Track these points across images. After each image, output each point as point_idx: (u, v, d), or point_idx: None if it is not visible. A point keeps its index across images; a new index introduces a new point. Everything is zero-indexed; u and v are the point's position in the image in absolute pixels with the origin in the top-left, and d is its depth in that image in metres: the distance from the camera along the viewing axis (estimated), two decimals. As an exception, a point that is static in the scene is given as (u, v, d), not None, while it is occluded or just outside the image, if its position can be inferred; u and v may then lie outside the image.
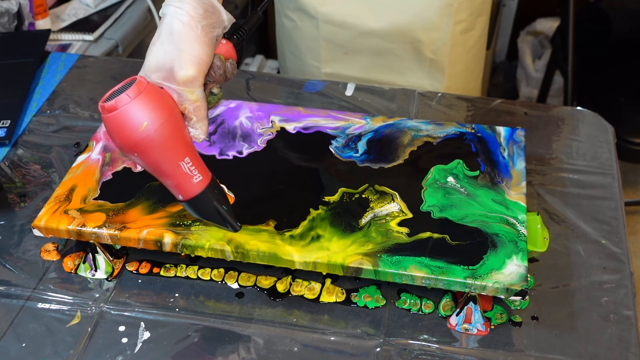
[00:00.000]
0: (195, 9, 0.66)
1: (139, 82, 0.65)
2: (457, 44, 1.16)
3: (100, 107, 0.65)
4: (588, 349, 0.72)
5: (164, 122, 0.65)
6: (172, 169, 0.68)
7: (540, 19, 2.16)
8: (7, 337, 0.73)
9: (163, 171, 0.68)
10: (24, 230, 0.84)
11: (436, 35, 1.14)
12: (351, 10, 1.14)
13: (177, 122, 0.67)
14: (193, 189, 0.70)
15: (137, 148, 0.65)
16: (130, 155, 0.67)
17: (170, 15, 0.66)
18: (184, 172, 0.68)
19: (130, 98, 0.64)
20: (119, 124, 0.65)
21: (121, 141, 0.65)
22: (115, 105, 0.64)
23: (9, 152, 0.95)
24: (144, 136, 0.65)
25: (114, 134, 0.66)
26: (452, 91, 1.17)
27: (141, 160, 0.67)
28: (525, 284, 0.70)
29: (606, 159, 0.94)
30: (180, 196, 0.71)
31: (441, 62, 1.17)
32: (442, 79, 1.19)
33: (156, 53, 0.67)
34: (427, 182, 0.82)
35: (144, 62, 0.68)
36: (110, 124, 0.65)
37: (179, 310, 0.76)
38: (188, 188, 0.70)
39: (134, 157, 0.67)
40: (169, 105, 0.66)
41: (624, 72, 1.76)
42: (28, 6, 1.28)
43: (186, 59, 0.66)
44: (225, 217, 0.72)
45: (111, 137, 0.66)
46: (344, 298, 0.76)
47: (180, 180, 0.69)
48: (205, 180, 0.70)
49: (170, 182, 0.69)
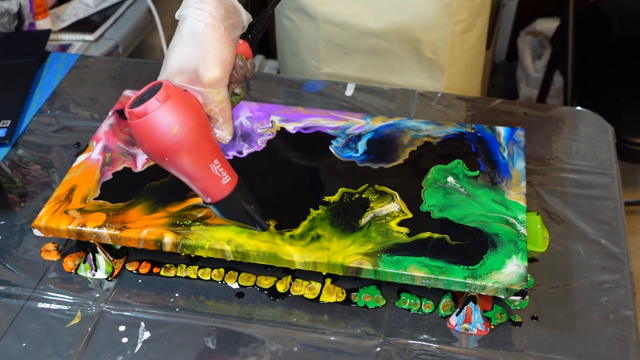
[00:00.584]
0: (217, 9, 0.66)
1: (166, 86, 0.65)
2: (457, 43, 1.16)
3: (128, 114, 0.65)
4: (588, 349, 0.72)
5: (193, 125, 0.65)
6: (202, 172, 0.68)
7: (540, 19, 2.16)
8: (7, 337, 0.73)
9: (193, 175, 0.68)
10: (24, 230, 0.84)
11: (436, 35, 1.14)
12: (351, 10, 1.14)
13: (205, 124, 0.67)
14: (222, 190, 0.70)
15: (168, 152, 0.65)
16: (160, 160, 0.66)
17: (191, 17, 0.66)
18: (213, 174, 0.69)
19: (160, 102, 0.64)
20: (149, 129, 0.64)
21: (152, 146, 0.65)
22: (146, 110, 0.64)
23: (9, 152, 0.95)
24: (176, 140, 0.64)
25: (144, 139, 0.65)
26: (452, 91, 1.17)
27: (171, 165, 0.67)
28: (525, 284, 0.70)
29: (606, 159, 0.94)
30: (208, 199, 0.71)
31: (441, 62, 1.17)
32: (441, 78, 1.19)
33: (178, 56, 0.66)
34: (427, 182, 0.82)
35: (164, 65, 0.67)
36: (140, 130, 0.65)
37: (179, 310, 0.76)
38: (217, 190, 0.70)
39: (164, 162, 0.66)
40: (196, 108, 0.66)
41: (623, 72, 1.76)
42: (28, 6, 1.28)
43: (211, 60, 0.66)
44: (254, 217, 0.73)
45: (140, 144, 0.66)
46: (344, 298, 0.77)
47: (209, 183, 0.69)
48: (233, 181, 0.70)
49: (199, 185, 0.69)
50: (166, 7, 1.65)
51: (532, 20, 2.17)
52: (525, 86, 2.12)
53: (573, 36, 1.69)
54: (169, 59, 0.67)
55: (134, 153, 0.85)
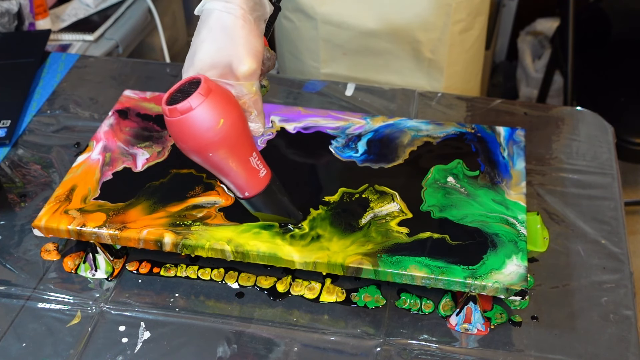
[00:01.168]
0: (246, 2, 0.65)
1: (206, 80, 0.63)
2: (456, 43, 1.16)
3: (168, 111, 0.63)
4: (588, 349, 0.72)
5: (236, 118, 0.64)
6: (242, 166, 0.68)
7: (540, 19, 2.16)
8: (8, 337, 0.73)
9: (234, 169, 0.67)
10: (24, 230, 0.84)
11: (435, 35, 1.14)
12: (350, 10, 1.14)
13: (244, 117, 0.66)
14: (260, 183, 0.70)
15: (213, 147, 0.64)
16: (202, 156, 0.65)
17: (219, 10, 0.65)
18: (252, 167, 0.68)
19: (204, 96, 0.62)
20: (195, 124, 0.63)
21: (197, 142, 0.64)
22: (190, 105, 0.62)
23: (9, 152, 0.95)
24: (221, 134, 0.64)
25: (187, 135, 0.64)
26: (451, 91, 1.17)
27: (213, 161, 0.66)
28: (525, 284, 0.70)
29: (606, 159, 0.94)
30: (246, 193, 0.70)
31: (440, 62, 1.17)
32: (440, 78, 1.19)
33: (208, 50, 0.65)
34: (427, 182, 0.82)
35: (191, 61, 0.66)
36: (185, 126, 0.63)
37: (179, 310, 0.76)
38: (256, 183, 0.69)
39: (207, 158, 0.65)
40: (235, 101, 0.65)
41: (624, 72, 1.76)
42: (28, 6, 1.28)
43: (245, 53, 0.65)
44: (289, 208, 0.73)
45: (182, 141, 0.64)
46: (344, 298, 0.77)
47: (249, 176, 0.69)
48: (268, 174, 0.70)
49: (239, 180, 0.69)
50: (166, 7, 1.65)
51: (532, 20, 2.17)
52: (525, 86, 2.12)
53: (573, 36, 1.69)
54: (198, 54, 0.66)
55: (134, 153, 0.85)
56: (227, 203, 0.79)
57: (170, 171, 0.83)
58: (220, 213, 0.77)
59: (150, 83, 1.08)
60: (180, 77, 1.08)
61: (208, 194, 0.80)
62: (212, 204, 0.78)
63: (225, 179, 0.69)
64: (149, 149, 0.86)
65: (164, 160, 0.85)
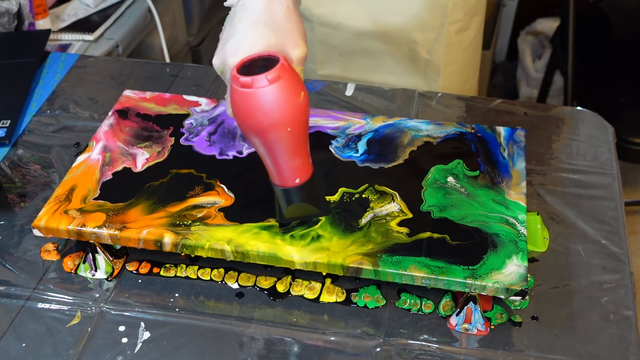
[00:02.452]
0: None
1: (281, 55, 0.63)
2: (453, 43, 1.16)
3: (252, 80, 0.62)
4: (588, 349, 0.72)
5: (306, 93, 0.65)
6: (304, 145, 0.67)
7: (540, 19, 2.16)
8: (7, 337, 0.73)
9: (300, 148, 0.67)
10: (24, 230, 0.84)
11: (431, 36, 1.14)
12: (346, 12, 1.14)
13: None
14: (310, 168, 0.70)
15: (294, 120, 0.63)
16: (280, 131, 0.64)
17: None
18: (308, 149, 0.68)
19: (287, 67, 0.62)
20: (283, 93, 0.62)
21: (282, 113, 0.63)
22: (279, 73, 0.62)
23: (9, 152, 0.95)
24: (303, 106, 0.64)
25: (274, 105, 0.62)
26: (448, 91, 1.17)
27: (288, 136, 0.65)
28: (525, 284, 0.70)
29: (606, 159, 0.94)
30: (297, 179, 0.69)
31: (436, 62, 1.17)
32: (437, 79, 1.18)
33: (261, 38, 0.65)
34: (427, 182, 0.82)
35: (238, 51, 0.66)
36: (274, 95, 0.62)
37: (179, 310, 0.76)
38: (308, 167, 0.69)
39: (284, 133, 0.64)
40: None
41: (624, 72, 1.76)
42: (28, 6, 1.28)
43: (298, 37, 0.66)
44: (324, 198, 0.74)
45: (268, 112, 0.63)
46: (344, 298, 0.76)
47: (305, 159, 0.68)
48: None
49: (298, 162, 0.68)
50: (166, 7, 1.65)
51: (532, 20, 2.17)
52: (525, 86, 2.12)
53: (573, 36, 1.69)
54: (245, 42, 0.66)
55: (133, 153, 0.85)
56: (227, 203, 0.79)
57: (170, 171, 0.83)
58: (220, 213, 0.77)
59: (150, 83, 1.08)
60: (180, 77, 1.08)
61: (208, 194, 0.80)
62: (212, 204, 0.78)
63: (283, 164, 0.68)
64: (148, 149, 0.86)
65: (164, 160, 0.85)
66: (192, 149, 0.86)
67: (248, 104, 0.63)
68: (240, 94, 0.63)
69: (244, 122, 0.65)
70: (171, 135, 0.88)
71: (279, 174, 0.70)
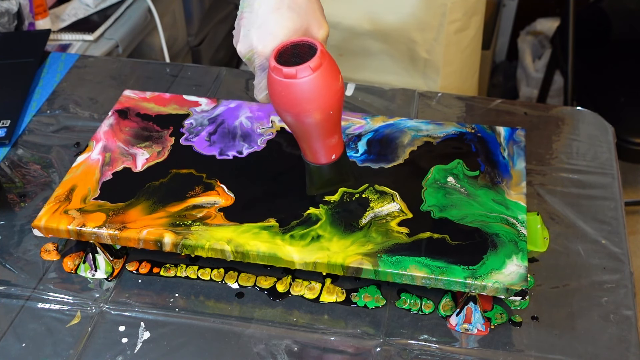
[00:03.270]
0: None
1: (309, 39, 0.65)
2: (452, 43, 1.16)
3: (296, 71, 0.64)
4: (588, 349, 0.72)
5: (341, 73, 0.67)
6: (340, 123, 0.70)
7: (540, 19, 2.16)
8: (7, 337, 0.73)
9: (336, 127, 0.69)
10: (24, 230, 0.84)
11: (430, 35, 1.14)
12: (345, 11, 1.14)
13: None
14: (342, 144, 0.73)
15: (336, 102, 0.66)
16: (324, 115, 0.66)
17: None
18: (341, 126, 0.71)
19: (325, 52, 0.64)
20: (326, 79, 0.64)
21: (326, 98, 0.65)
22: (320, 61, 0.63)
23: (9, 152, 0.95)
24: (341, 89, 0.66)
25: (320, 92, 0.65)
26: (448, 91, 1.17)
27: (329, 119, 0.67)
28: (525, 284, 0.70)
29: (606, 159, 0.94)
30: (334, 155, 0.72)
31: (436, 62, 1.17)
32: (437, 78, 1.18)
33: (286, 23, 0.66)
34: (427, 182, 0.82)
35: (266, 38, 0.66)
36: (318, 83, 0.64)
37: (179, 310, 0.76)
38: (342, 143, 0.72)
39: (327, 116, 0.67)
40: None
41: (624, 72, 1.76)
42: (28, 6, 1.28)
43: (320, 17, 0.67)
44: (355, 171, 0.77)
45: (311, 100, 0.65)
46: (344, 298, 0.76)
47: (340, 136, 0.71)
48: None
49: (334, 140, 0.71)
50: (166, 7, 1.65)
51: (532, 20, 2.17)
52: (525, 86, 2.12)
53: (573, 36, 1.69)
54: (272, 28, 0.66)
55: (133, 153, 0.85)
56: (227, 203, 0.79)
57: (170, 171, 0.83)
58: (220, 213, 0.77)
59: (150, 83, 1.08)
60: (180, 77, 1.08)
61: (208, 194, 0.80)
62: (212, 204, 0.78)
63: (322, 142, 0.70)
64: (148, 149, 0.86)
65: (164, 160, 0.85)
66: (192, 149, 0.86)
67: (293, 93, 0.65)
68: (284, 84, 0.65)
69: (288, 110, 0.67)
70: (171, 135, 0.88)
71: (316, 153, 0.72)
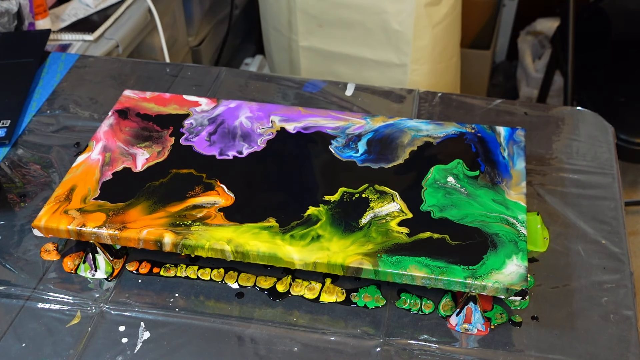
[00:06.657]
0: None
1: None
2: (422, 16, 1.24)
3: None
4: (588, 349, 0.72)
5: None
6: None
7: (540, 19, 2.16)
8: (7, 337, 0.73)
9: None
10: (24, 230, 0.84)
11: (401, 6, 1.23)
12: None
13: None
14: None
15: None
16: None
17: None
18: None
19: None
20: None
21: None
22: None
23: (9, 152, 0.95)
24: None
25: None
26: (419, 66, 1.25)
27: None
28: (525, 284, 0.70)
29: (606, 159, 0.94)
30: None
31: (406, 34, 1.25)
32: (407, 51, 1.27)
33: None
34: (427, 182, 0.82)
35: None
36: None
37: (179, 310, 0.76)
38: None
39: None
40: None
41: (623, 73, 1.76)
42: (28, 6, 1.28)
43: None
44: None
45: None
46: (344, 298, 0.76)
47: None
48: None
49: None
50: (166, 7, 1.65)
51: (532, 20, 2.17)
52: (525, 86, 2.12)
53: (573, 36, 1.69)
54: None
55: (133, 153, 0.85)
56: (227, 203, 0.79)
57: (170, 171, 0.83)
58: (220, 213, 0.77)
59: (150, 83, 1.08)
60: (180, 77, 1.09)
61: (208, 194, 0.80)
62: (212, 204, 0.78)
63: None
64: (148, 149, 0.86)
65: (164, 160, 0.85)
66: (192, 149, 0.86)
67: None
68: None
69: None
70: (171, 135, 0.88)
71: None
